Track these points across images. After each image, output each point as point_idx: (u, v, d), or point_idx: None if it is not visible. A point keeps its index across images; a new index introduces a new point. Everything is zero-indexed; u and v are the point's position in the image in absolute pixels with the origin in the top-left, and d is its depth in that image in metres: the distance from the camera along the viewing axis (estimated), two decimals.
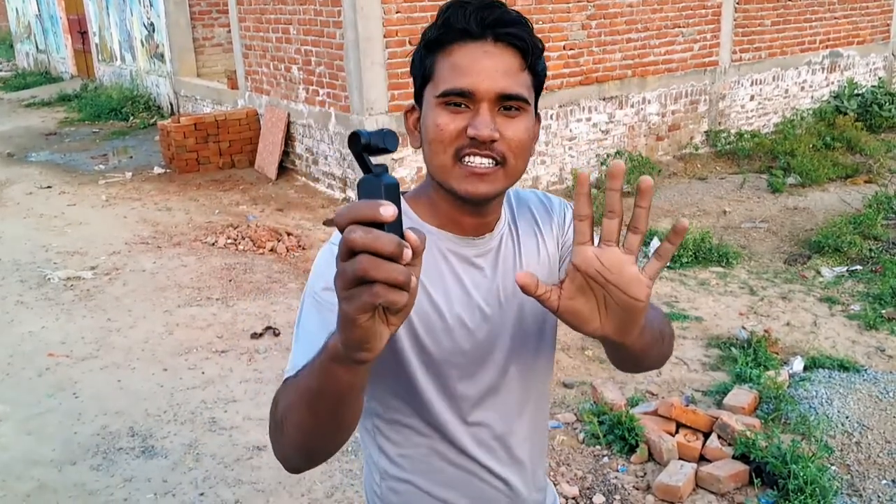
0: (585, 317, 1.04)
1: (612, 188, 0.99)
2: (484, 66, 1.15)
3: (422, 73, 1.22)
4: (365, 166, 0.83)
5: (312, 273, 1.24)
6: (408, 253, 0.78)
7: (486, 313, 1.28)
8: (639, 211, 1.00)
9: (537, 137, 1.26)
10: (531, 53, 1.18)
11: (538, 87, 1.23)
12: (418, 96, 1.24)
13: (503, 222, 1.32)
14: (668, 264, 5.64)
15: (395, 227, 0.78)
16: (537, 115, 1.26)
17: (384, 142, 0.84)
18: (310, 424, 1.02)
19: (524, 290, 1.02)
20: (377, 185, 0.81)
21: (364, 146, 0.83)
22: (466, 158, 1.16)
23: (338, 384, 0.94)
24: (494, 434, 1.33)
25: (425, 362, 1.26)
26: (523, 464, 1.38)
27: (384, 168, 0.84)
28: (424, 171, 1.29)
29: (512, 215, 1.35)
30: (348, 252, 0.78)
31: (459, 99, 1.15)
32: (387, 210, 0.77)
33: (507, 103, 1.16)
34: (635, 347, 1.11)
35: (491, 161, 1.16)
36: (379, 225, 0.77)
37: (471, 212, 1.25)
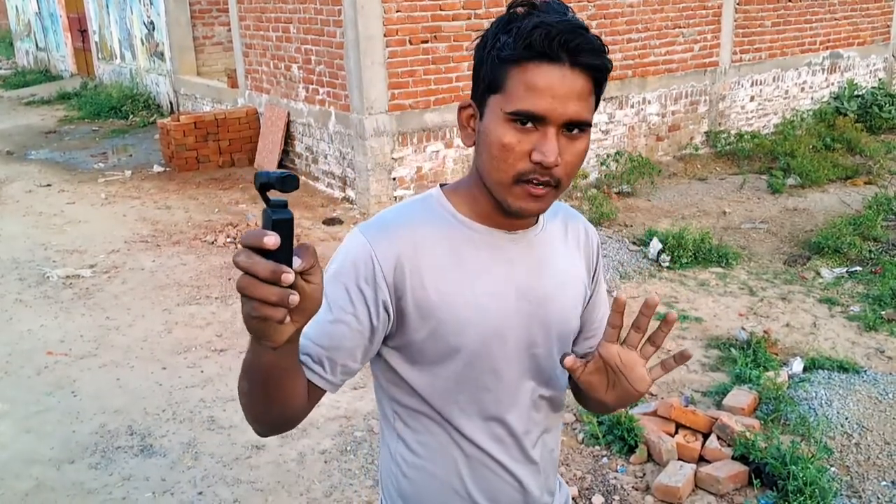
0: (596, 387, 1.28)
1: (644, 314, 1.22)
2: (559, 92, 1.16)
3: (491, 80, 1.21)
4: (266, 200, 0.97)
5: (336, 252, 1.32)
6: (286, 277, 0.92)
7: (512, 307, 1.31)
8: (659, 332, 1.25)
9: (588, 148, 1.30)
10: (603, 79, 1.21)
11: (597, 104, 1.26)
12: (480, 98, 1.25)
13: (542, 223, 1.36)
14: (669, 266, 5.64)
15: (280, 254, 0.93)
16: None
17: (282, 184, 0.96)
18: (245, 393, 1.21)
19: (570, 370, 1.25)
20: (268, 218, 0.95)
21: (262, 185, 0.97)
22: (529, 181, 1.20)
23: (260, 361, 1.12)
24: (510, 431, 1.35)
25: (444, 352, 1.29)
26: (536, 464, 1.40)
27: (283, 203, 0.97)
28: (423, 171, 1.31)
29: (552, 225, 1.39)
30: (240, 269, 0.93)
31: (529, 119, 1.17)
32: (269, 240, 0.91)
33: (572, 126, 1.19)
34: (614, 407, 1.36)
35: (547, 185, 1.20)
36: (267, 251, 0.92)
37: (512, 217, 1.29)
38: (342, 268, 1.26)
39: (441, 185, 1.36)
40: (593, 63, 1.17)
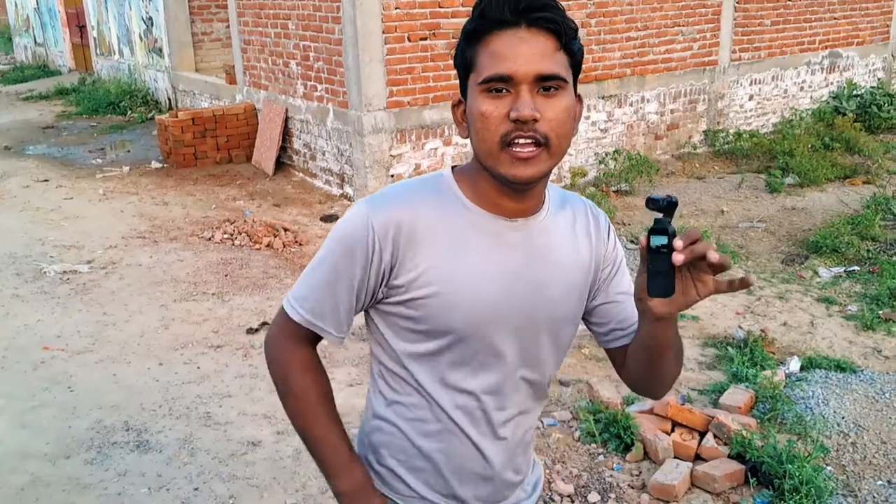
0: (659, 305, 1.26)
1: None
2: (521, 51, 1.21)
3: (464, 64, 1.29)
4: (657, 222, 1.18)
5: (348, 221, 1.35)
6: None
7: (508, 293, 1.34)
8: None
9: (580, 117, 1.33)
10: (564, 34, 1.24)
11: (575, 67, 1.29)
12: (463, 88, 1.31)
13: (545, 212, 1.38)
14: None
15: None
16: (579, 97, 1.32)
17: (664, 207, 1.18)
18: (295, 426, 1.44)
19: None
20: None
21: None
22: (513, 143, 1.23)
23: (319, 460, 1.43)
24: (482, 407, 1.40)
25: (432, 329, 1.33)
26: (505, 440, 1.44)
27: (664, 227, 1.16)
28: (422, 168, 1.32)
29: (555, 213, 1.41)
30: None
31: (500, 84, 1.22)
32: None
33: (545, 84, 1.22)
34: (670, 343, 1.33)
35: (534, 143, 1.23)
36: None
37: (512, 195, 1.32)
38: (341, 233, 1.34)
39: (453, 167, 1.40)
40: (548, 18, 1.22)
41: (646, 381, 1.44)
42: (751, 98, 9.34)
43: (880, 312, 4.84)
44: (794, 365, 4.18)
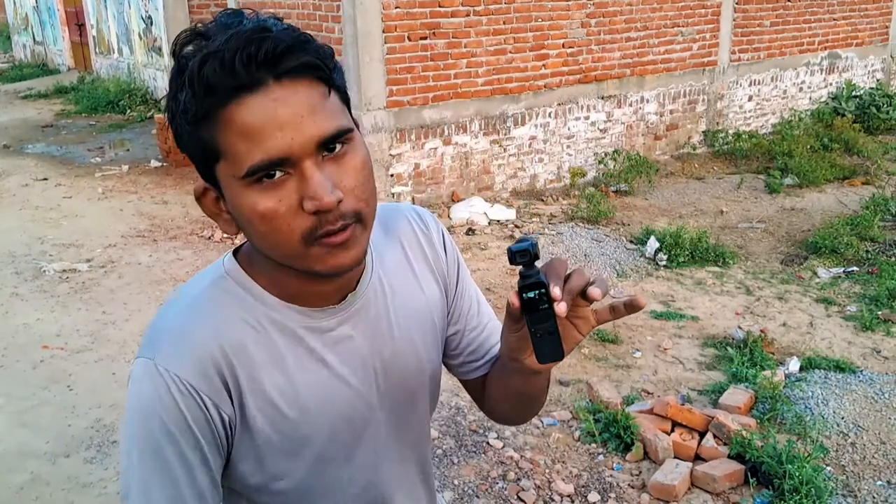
0: (523, 348, 1.03)
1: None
2: (283, 118, 0.88)
3: (201, 153, 0.94)
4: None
5: (142, 411, 0.97)
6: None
7: (362, 389, 1.10)
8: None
9: (369, 156, 1.01)
10: (328, 70, 0.92)
11: (346, 97, 0.98)
12: (206, 176, 0.97)
13: (368, 273, 1.10)
14: (665, 265, 5.64)
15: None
16: (355, 123, 1.00)
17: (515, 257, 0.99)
18: None
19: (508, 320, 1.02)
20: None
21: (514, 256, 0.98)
22: (321, 239, 0.93)
23: None
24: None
25: (281, 474, 1.07)
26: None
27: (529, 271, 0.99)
28: (421, 168, 1.22)
29: (380, 258, 1.14)
30: None
31: (275, 170, 0.90)
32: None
33: (330, 145, 0.92)
34: (545, 387, 1.16)
35: (345, 227, 0.94)
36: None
37: (328, 281, 1.02)
38: (143, 430, 0.96)
39: (234, 251, 1.08)
40: (304, 63, 0.90)
41: (514, 419, 1.27)
42: (750, 99, 9.34)
43: (879, 313, 4.84)
44: (794, 365, 4.18)
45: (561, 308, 0.92)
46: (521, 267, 0.96)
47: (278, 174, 0.90)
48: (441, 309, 1.20)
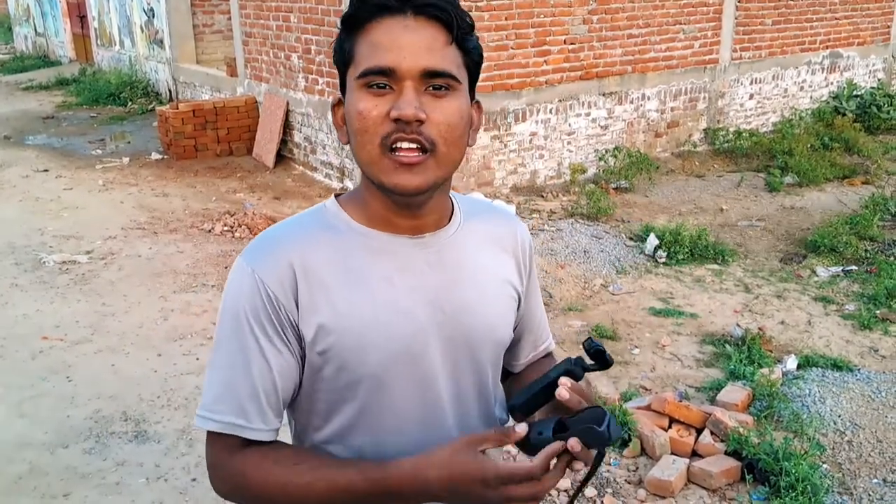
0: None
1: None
2: (405, 42, 1.05)
3: (342, 58, 1.12)
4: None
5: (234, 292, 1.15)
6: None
7: (424, 323, 1.16)
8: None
9: (478, 126, 1.17)
10: (457, 27, 1.08)
11: (472, 68, 1.13)
12: (343, 85, 1.14)
13: (455, 225, 1.22)
14: (665, 262, 5.64)
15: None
16: (477, 104, 1.17)
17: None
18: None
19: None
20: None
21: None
22: (395, 146, 1.06)
23: None
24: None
25: (343, 387, 1.16)
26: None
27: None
28: None
29: (469, 221, 1.25)
30: None
31: (382, 79, 1.06)
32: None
33: (434, 81, 1.07)
34: None
35: (419, 148, 1.06)
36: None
37: (405, 210, 1.15)
38: (232, 308, 1.14)
39: (336, 195, 1.24)
40: (437, 6, 1.06)
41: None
42: (751, 97, 9.34)
43: (877, 312, 4.85)
44: (791, 363, 4.19)
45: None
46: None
47: (385, 87, 1.06)
48: (515, 289, 1.30)
